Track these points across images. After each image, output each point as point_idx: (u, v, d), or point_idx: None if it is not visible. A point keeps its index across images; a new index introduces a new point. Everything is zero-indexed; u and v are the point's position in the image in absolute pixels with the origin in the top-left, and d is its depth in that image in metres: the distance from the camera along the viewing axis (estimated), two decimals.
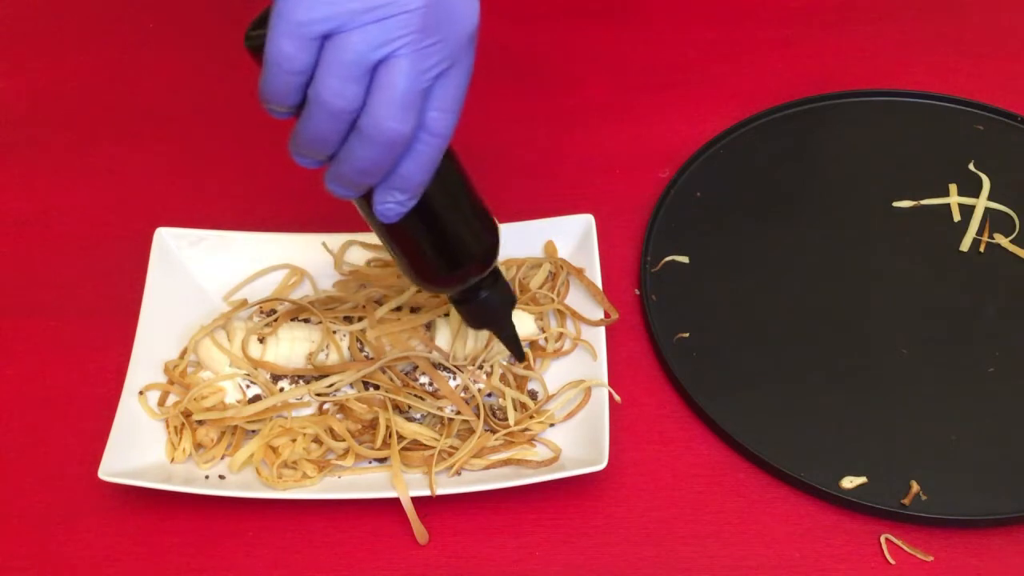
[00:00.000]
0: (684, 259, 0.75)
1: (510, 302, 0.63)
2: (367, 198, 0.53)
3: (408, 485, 0.63)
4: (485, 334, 0.69)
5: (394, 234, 0.57)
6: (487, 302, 0.61)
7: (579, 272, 0.72)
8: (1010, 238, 0.75)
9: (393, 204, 0.52)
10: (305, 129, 0.50)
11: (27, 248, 0.79)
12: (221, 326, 0.70)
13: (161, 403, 0.68)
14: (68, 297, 0.76)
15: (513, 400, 0.67)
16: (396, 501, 0.63)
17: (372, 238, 0.75)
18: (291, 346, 0.68)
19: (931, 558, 0.62)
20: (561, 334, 0.71)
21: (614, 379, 0.67)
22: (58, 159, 0.85)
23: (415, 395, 0.67)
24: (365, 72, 0.48)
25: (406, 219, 0.54)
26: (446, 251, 0.58)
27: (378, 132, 0.49)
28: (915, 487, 0.64)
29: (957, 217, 0.77)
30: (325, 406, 0.68)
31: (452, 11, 0.49)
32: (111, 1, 0.96)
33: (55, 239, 0.80)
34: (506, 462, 0.65)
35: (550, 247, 0.74)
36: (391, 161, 0.50)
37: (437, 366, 0.68)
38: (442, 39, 0.49)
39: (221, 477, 0.65)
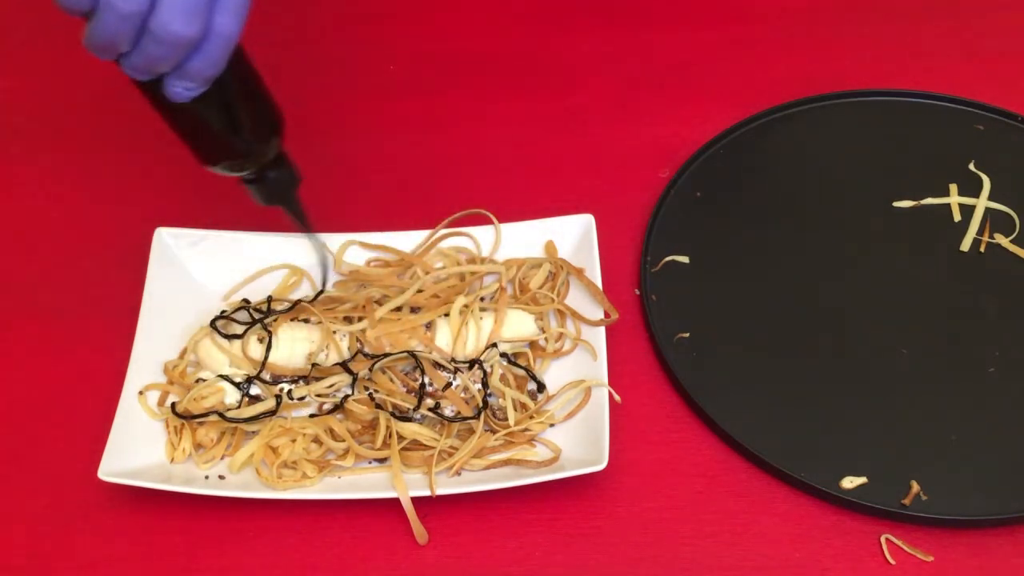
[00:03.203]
0: (684, 259, 0.75)
1: (296, 180, 0.68)
2: (157, 81, 0.57)
3: (408, 485, 0.63)
4: (485, 334, 0.69)
5: (188, 115, 0.60)
6: (275, 181, 0.67)
7: (579, 272, 0.72)
8: (1010, 238, 0.75)
9: (182, 90, 0.57)
10: (98, 29, 0.53)
11: (27, 248, 0.79)
12: (221, 326, 0.70)
13: (161, 403, 0.68)
14: (68, 297, 0.76)
15: (513, 400, 0.67)
16: (396, 501, 0.63)
17: (372, 238, 0.75)
18: (291, 346, 0.68)
19: (931, 558, 0.62)
20: (561, 334, 0.71)
21: (614, 379, 0.67)
22: (58, 159, 0.85)
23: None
24: None
25: (198, 102, 0.58)
26: (234, 133, 0.63)
27: (166, 34, 0.53)
28: (915, 487, 0.64)
29: (957, 217, 0.77)
30: (325, 406, 0.68)
31: None
32: None
33: (55, 239, 0.80)
34: (506, 462, 0.65)
35: (550, 247, 0.74)
36: (180, 57, 0.54)
37: (437, 366, 0.68)
38: None
39: (221, 477, 0.65)
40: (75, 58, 0.91)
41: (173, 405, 0.67)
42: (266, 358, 0.68)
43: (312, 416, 0.68)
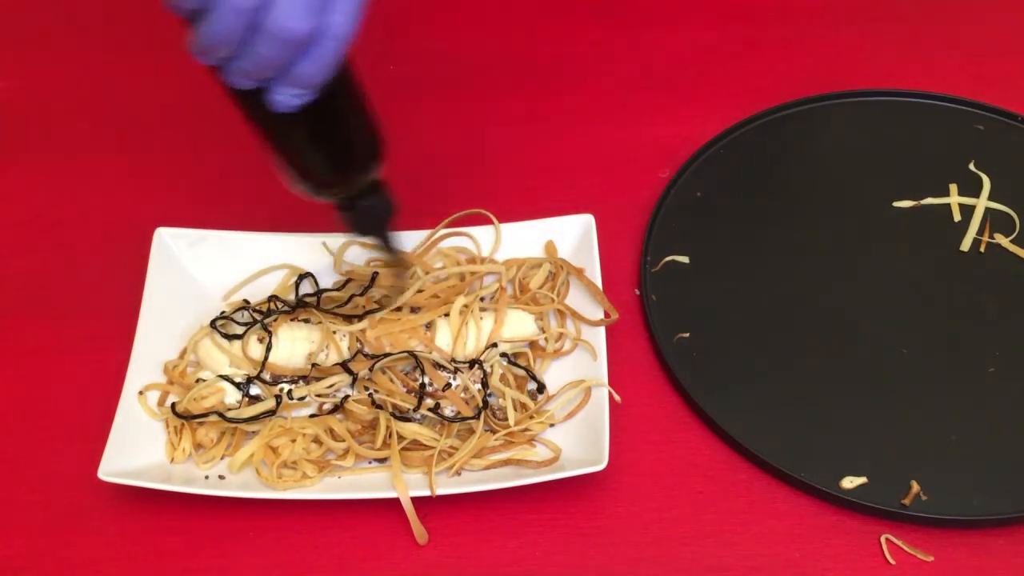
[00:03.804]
0: (684, 259, 0.75)
1: (390, 212, 0.64)
2: (261, 91, 0.54)
3: (408, 485, 0.63)
4: (485, 334, 0.69)
5: (286, 129, 0.57)
6: (370, 210, 0.63)
7: (579, 272, 0.72)
8: (1010, 238, 0.75)
9: (288, 97, 0.54)
10: (209, 28, 0.51)
11: (28, 248, 0.79)
12: (221, 326, 0.70)
13: (161, 403, 0.68)
14: (68, 297, 0.76)
15: (513, 400, 0.67)
16: (396, 501, 0.63)
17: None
18: (291, 346, 0.68)
19: (931, 558, 0.62)
20: (561, 334, 0.70)
21: (614, 379, 0.67)
22: (58, 159, 0.85)
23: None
24: None
25: (301, 115, 0.55)
26: (333, 152, 0.60)
27: (279, 30, 0.50)
28: (915, 487, 0.64)
29: (957, 217, 0.77)
30: (325, 406, 0.68)
31: None
32: (111, 1, 0.96)
33: (55, 239, 0.80)
34: (506, 462, 0.65)
35: (550, 247, 0.74)
36: (290, 59, 0.52)
37: (437, 366, 0.68)
38: None
39: (221, 477, 0.65)
40: (75, 58, 0.92)
41: (173, 405, 0.67)
42: (266, 358, 0.68)
43: (312, 416, 0.68)
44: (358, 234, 0.66)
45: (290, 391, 0.68)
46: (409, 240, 0.75)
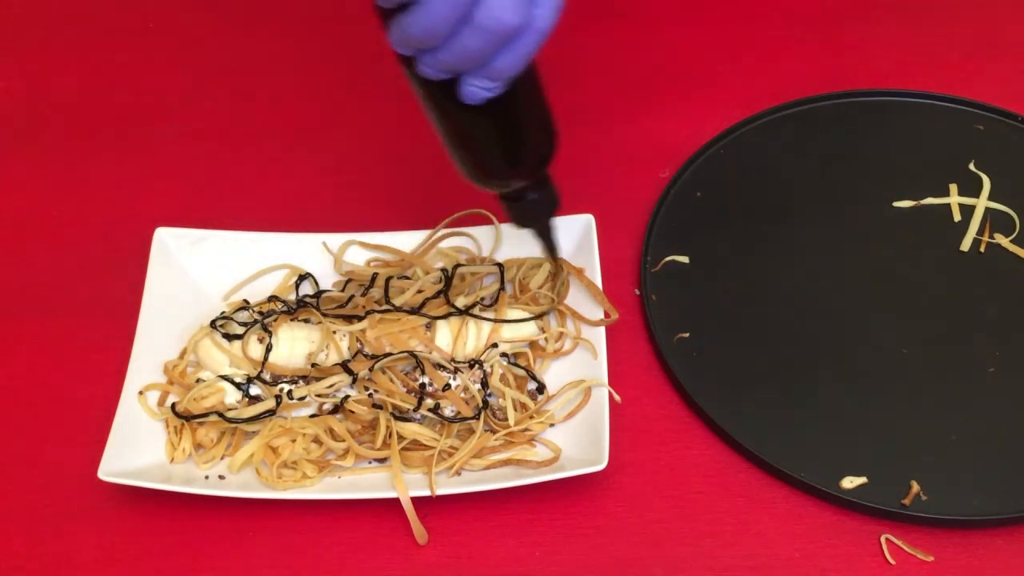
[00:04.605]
0: (684, 259, 0.75)
1: (554, 206, 0.64)
2: (449, 83, 0.53)
3: (408, 485, 0.63)
4: (485, 334, 0.69)
5: (469, 121, 0.56)
6: (535, 203, 0.62)
7: (579, 272, 0.72)
8: (1010, 238, 0.75)
9: (480, 89, 0.53)
10: (421, 17, 0.50)
11: (27, 248, 0.79)
12: (221, 326, 0.70)
13: (161, 403, 0.68)
14: (68, 297, 0.76)
15: (513, 400, 0.67)
16: (396, 501, 0.63)
17: (372, 238, 0.75)
18: (291, 346, 0.68)
19: (931, 558, 0.62)
20: (561, 334, 0.70)
21: (614, 379, 0.67)
22: (58, 159, 0.85)
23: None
24: None
25: (487, 108, 0.54)
26: (515, 145, 0.59)
27: (492, 22, 0.50)
28: (915, 487, 0.64)
29: (957, 217, 0.77)
30: (325, 406, 0.68)
31: None
32: (111, 1, 0.96)
33: (55, 239, 0.80)
34: (506, 462, 0.65)
35: None
36: (494, 52, 0.51)
37: (437, 366, 0.68)
38: None
39: (221, 477, 0.65)
40: (75, 58, 0.92)
41: (173, 405, 0.67)
42: (266, 358, 0.68)
43: (312, 416, 0.68)
44: (519, 226, 0.64)
45: (290, 391, 0.68)
46: (409, 240, 0.75)
